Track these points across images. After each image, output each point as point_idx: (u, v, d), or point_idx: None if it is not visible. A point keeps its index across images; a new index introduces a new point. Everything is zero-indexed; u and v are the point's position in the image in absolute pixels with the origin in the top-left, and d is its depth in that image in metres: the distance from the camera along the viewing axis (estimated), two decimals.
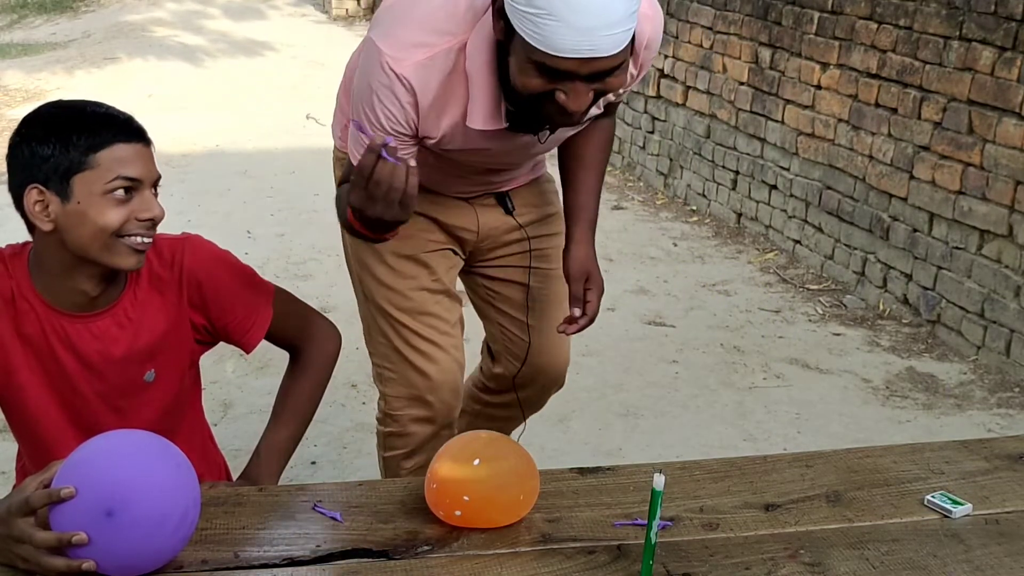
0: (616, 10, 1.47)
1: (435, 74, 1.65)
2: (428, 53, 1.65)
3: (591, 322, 2.01)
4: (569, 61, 1.49)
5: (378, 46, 1.68)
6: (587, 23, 1.45)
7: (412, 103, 1.67)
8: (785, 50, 5.01)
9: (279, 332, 1.82)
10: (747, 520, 1.51)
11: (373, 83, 1.70)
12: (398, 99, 1.67)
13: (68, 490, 1.26)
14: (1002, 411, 3.63)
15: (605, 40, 1.48)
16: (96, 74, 8.69)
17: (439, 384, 2.14)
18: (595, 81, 1.53)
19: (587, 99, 1.55)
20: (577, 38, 1.46)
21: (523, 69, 1.54)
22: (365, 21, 11.98)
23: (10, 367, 1.63)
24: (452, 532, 1.44)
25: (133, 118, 1.60)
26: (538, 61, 1.51)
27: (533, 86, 1.55)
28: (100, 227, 1.53)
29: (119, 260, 1.57)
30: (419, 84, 1.66)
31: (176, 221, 4.94)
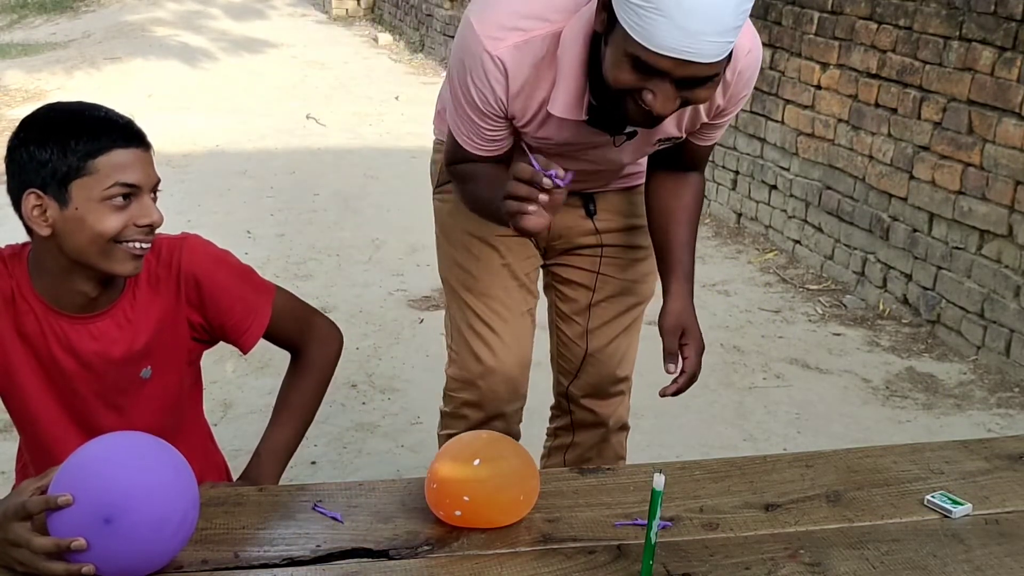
0: (725, 18, 1.45)
1: (528, 58, 1.65)
2: (524, 37, 1.65)
3: (692, 380, 1.90)
4: (666, 60, 1.46)
5: (474, 26, 1.67)
6: (694, 26, 1.43)
7: (503, 85, 1.67)
8: (785, 50, 5.01)
9: (280, 332, 1.81)
10: (747, 520, 1.51)
11: (468, 61, 1.70)
12: (489, 80, 1.68)
13: (65, 497, 1.26)
14: (1002, 411, 3.63)
15: (708, 46, 1.45)
16: (96, 74, 8.70)
17: (491, 370, 2.13)
18: (685, 88, 1.51)
19: (673, 104, 1.52)
20: (681, 38, 1.44)
21: (618, 62, 1.52)
22: (365, 21, 11.99)
23: (10, 366, 1.63)
24: (452, 532, 1.44)
25: (132, 122, 1.59)
26: (635, 55, 1.48)
27: (624, 80, 1.52)
28: (98, 233, 1.52)
29: (117, 266, 1.56)
30: (512, 67, 1.65)
31: (176, 221, 4.94)
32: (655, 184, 1.99)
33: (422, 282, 4.53)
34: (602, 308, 2.19)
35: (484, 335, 2.13)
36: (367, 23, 11.89)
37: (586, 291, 2.18)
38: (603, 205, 2.11)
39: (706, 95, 1.55)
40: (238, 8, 11.98)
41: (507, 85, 1.68)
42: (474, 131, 1.80)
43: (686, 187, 1.97)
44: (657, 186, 1.99)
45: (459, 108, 1.78)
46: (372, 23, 11.83)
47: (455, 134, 1.83)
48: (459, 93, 1.75)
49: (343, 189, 6.05)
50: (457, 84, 1.75)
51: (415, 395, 3.55)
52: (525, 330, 2.19)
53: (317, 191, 5.99)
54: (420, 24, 10.43)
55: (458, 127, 1.81)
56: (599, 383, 2.26)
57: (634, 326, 2.26)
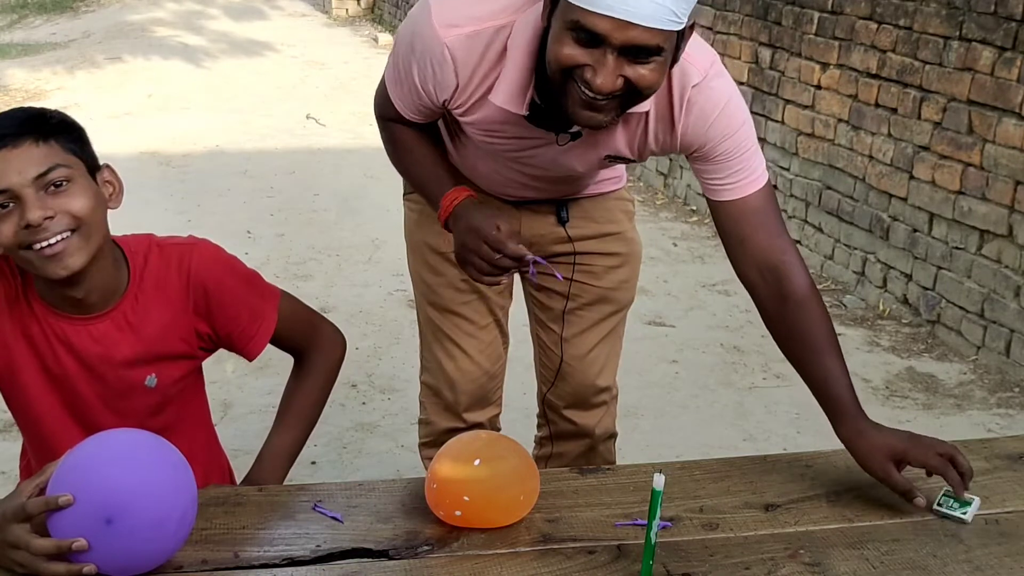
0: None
1: (478, 48, 1.63)
2: (476, 28, 1.63)
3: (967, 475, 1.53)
4: (604, 20, 1.40)
5: (431, 9, 1.66)
6: None
7: (451, 76, 1.66)
8: (785, 50, 5.01)
9: (284, 337, 1.80)
10: (747, 520, 1.51)
11: (416, 42, 1.69)
12: (435, 68, 1.66)
13: (66, 498, 1.25)
14: (1002, 411, 3.63)
15: (646, 5, 1.39)
16: (96, 74, 8.70)
17: (456, 382, 2.20)
18: (627, 60, 1.45)
19: (614, 81, 1.45)
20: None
21: (557, 37, 1.48)
22: (365, 21, 11.98)
23: (13, 367, 1.63)
24: (452, 532, 1.44)
25: (11, 113, 1.51)
26: (574, 20, 1.44)
27: (564, 56, 1.47)
28: (2, 246, 1.48)
29: (44, 271, 1.51)
30: (461, 57, 1.64)
31: (176, 221, 4.94)
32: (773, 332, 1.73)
33: None
34: (578, 316, 2.17)
35: (449, 349, 2.18)
36: (367, 23, 11.89)
37: (561, 298, 2.16)
38: (575, 212, 2.09)
39: (650, 77, 1.47)
40: (238, 8, 11.98)
41: (456, 77, 1.65)
42: (407, 103, 1.80)
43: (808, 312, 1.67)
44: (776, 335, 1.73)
45: (398, 76, 1.76)
46: (372, 23, 11.83)
47: (389, 91, 1.82)
48: (401, 67, 1.74)
49: (343, 189, 6.05)
50: (401, 59, 1.74)
51: (415, 395, 3.53)
52: (491, 341, 2.21)
53: (317, 191, 5.99)
54: None
55: (393, 87, 1.81)
56: (579, 392, 2.24)
57: (614, 334, 2.22)
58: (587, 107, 1.51)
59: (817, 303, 1.68)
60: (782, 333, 1.70)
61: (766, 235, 1.71)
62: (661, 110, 1.68)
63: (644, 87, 1.49)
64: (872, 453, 1.54)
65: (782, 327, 1.69)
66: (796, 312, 1.67)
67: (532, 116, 1.67)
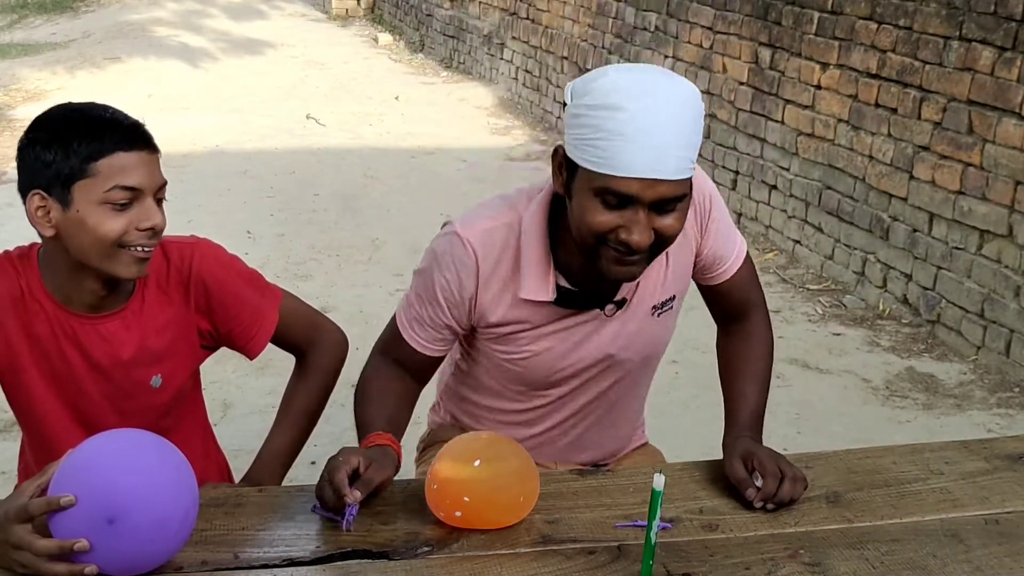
0: (684, 130, 1.46)
1: (497, 242, 1.65)
2: (490, 224, 1.67)
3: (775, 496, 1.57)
4: (636, 183, 1.44)
5: (453, 224, 1.69)
6: (655, 142, 1.43)
7: (473, 269, 1.65)
8: (785, 50, 5.01)
9: (286, 337, 1.81)
10: (747, 520, 1.51)
11: (438, 249, 1.68)
12: (456, 265, 1.65)
13: (68, 498, 1.26)
14: (1002, 411, 3.63)
15: (673, 161, 1.45)
16: (96, 74, 8.69)
17: None
18: (657, 213, 1.49)
19: (648, 235, 1.49)
20: (646, 158, 1.43)
21: (587, 206, 1.50)
22: (365, 21, 11.99)
23: (17, 366, 1.64)
24: (452, 533, 1.44)
25: (140, 124, 1.59)
26: (603, 188, 1.46)
27: (598, 224, 1.50)
28: (99, 236, 1.52)
29: (120, 269, 1.56)
30: (481, 250, 1.65)
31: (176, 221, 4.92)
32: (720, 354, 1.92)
33: None
34: None
35: None
36: (367, 23, 11.89)
37: None
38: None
39: (676, 225, 1.52)
40: (238, 8, 11.98)
41: (477, 272, 1.65)
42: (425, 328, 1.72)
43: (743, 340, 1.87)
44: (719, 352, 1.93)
45: (418, 297, 1.72)
46: (372, 23, 11.83)
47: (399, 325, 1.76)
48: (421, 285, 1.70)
49: (343, 189, 6.05)
50: (423, 276, 1.71)
51: None
52: None
53: (317, 191, 5.99)
54: (420, 24, 10.43)
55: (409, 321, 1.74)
56: None
57: None
58: (621, 264, 1.54)
59: (764, 343, 1.87)
60: (726, 355, 1.89)
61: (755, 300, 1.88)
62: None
63: (671, 235, 1.53)
64: (734, 450, 1.66)
65: (728, 350, 1.89)
66: (743, 343, 1.87)
67: (560, 300, 1.67)
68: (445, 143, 7.15)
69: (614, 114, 1.43)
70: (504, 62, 8.41)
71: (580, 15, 7.09)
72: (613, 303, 1.70)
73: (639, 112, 1.43)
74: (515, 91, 8.19)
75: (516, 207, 1.67)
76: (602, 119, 1.44)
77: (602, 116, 1.44)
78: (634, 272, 1.56)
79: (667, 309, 1.77)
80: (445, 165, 6.62)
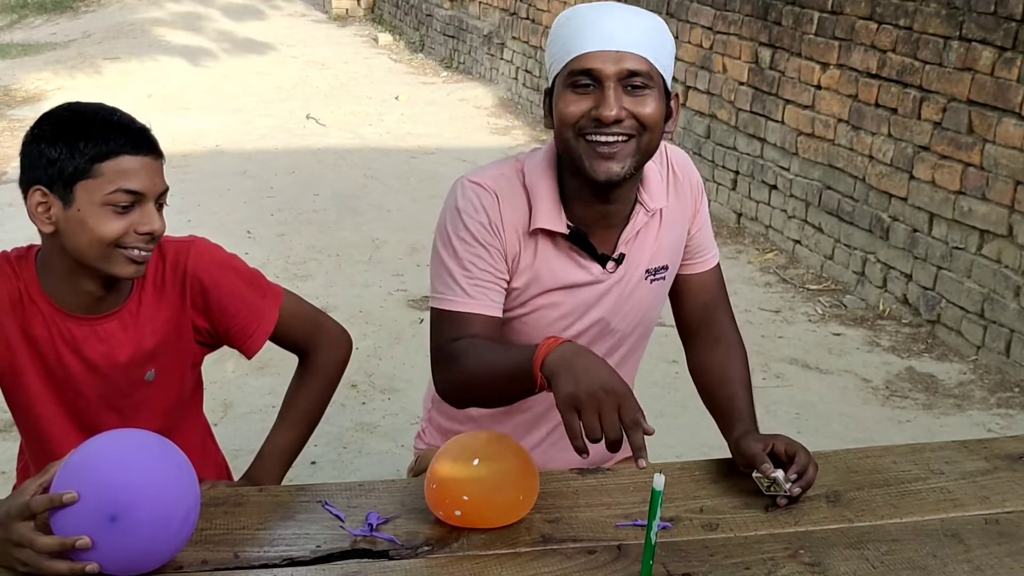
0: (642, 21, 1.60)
1: (509, 184, 1.71)
2: (498, 171, 1.73)
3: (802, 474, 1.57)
4: (595, 56, 1.56)
5: (461, 179, 1.74)
6: (610, 22, 1.57)
7: (496, 206, 1.69)
8: (785, 50, 5.01)
9: (287, 336, 1.81)
10: (747, 520, 1.51)
11: (459, 204, 1.70)
12: (483, 203, 1.68)
13: (71, 495, 1.25)
14: (1002, 411, 3.63)
15: (629, 35, 1.57)
16: (96, 74, 8.70)
17: None
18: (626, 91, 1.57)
19: (619, 107, 1.56)
20: (600, 32, 1.56)
21: (560, 100, 1.61)
22: (365, 21, 11.99)
23: (15, 367, 1.64)
24: (452, 532, 1.44)
25: (147, 129, 1.59)
26: (570, 73, 1.58)
27: (571, 113, 1.59)
28: (98, 236, 1.53)
29: (115, 269, 1.56)
30: (498, 188, 1.70)
31: (176, 221, 4.93)
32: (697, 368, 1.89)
33: (422, 282, 4.52)
34: None
35: None
36: (367, 23, 11.89)
37: None
38: None
39: (650, 110, 1.58)
40: (238, 8, 11.97)
41: (499, 207, 1.69)
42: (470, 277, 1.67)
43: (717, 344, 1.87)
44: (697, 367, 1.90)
45: (452, 259, 1.68)
46: (372, 23, 11.83)
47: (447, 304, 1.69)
48: (453, 239, 1.69)
49: (343, 189, 6.05)
50: (451, 232, 1.69)
51: (415, 395, 3.54)
52: None
53: (317, 191, 5.99)
54: (420, 24, 10.43)
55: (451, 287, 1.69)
56: None
57: None
58: (602, 157, 1.59)
59: (742, 352, 1.88)
60: (703, 364, 1.87)
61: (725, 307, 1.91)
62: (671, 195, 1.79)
63: (647, 120, 1.59)
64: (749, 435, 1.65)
65: (704, 358, 1.87)
66: (724, 355, 1.86)
67: (572, 237, 1.71)
68: (445, 143, 7.15)
69: (569, 21, 1.61)
70: (504, 62, 8.41)
71: None
72: (613, 259, 1.74)
73: (591, 11, 1.59)
74: (515, 91, 8.19)
75: (518, 159, 1.76)
76: (560, 29, 1.61)
77: (561, 28, 1.61)
78: (616, 170, 1.60)
79: (660, 277, 1.81)
80: (445, 165, 6.62)
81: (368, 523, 1.45)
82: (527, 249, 1.71)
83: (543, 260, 1.72)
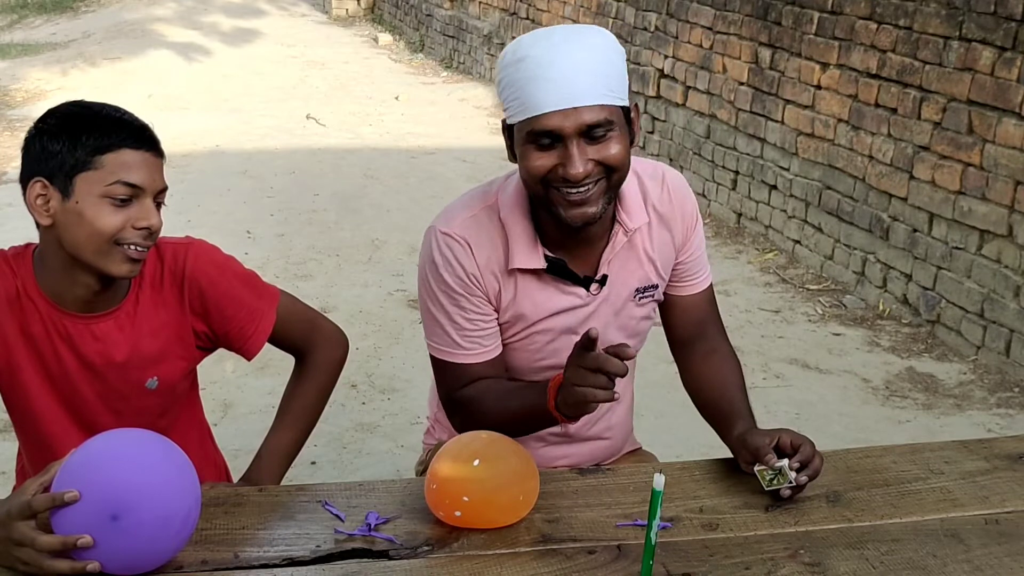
0: (591, 60, 1.53)
1: (482, 228, 1.70)
2: (471, 213, 1.72)
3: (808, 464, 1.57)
4: (553, 116, 1.52)
5: (433, 226, 1.73)
6: (560, 74, 1.51)
7: (469, 256, 1.68)
8: (785, 50, 5.01)
9: (284, 337, 1.81)
10: (747, 520, 1.51)
11: (434, 257, 1.70)
12: (456, 255, 1.68)
13: (72, 494, 1.25)
14: (1002, 411, 3.63)
15: (582, 88, 1.52)
16: (96, 74, 8.70)
17: None
18: (588, 141, 1.55)
19: (584, 164, 1.54)
20: (555, 90, 1.51)
21: (523, 155, 1.58)
22: (365, 21, 11.99)
23: (13, 365, 1.64)
24: (452, 532, 1.44)
25: (149, 127, 1.60)
26: (531, 131, 1.55)
27: (535, 168, 1.57)
28: (96, 230, 1.53)
29: (112, 267, 1.56)
30: (470, 237, 1.69)
31: (176, 221, 4.94)
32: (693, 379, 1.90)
33: None
34: None
35: None
36: (367, 23, 11.89)
37: None
38: None
39: (615, 152, 1.57)
40: (238, 8, 11.97)
41: (472, 255, 1.68)
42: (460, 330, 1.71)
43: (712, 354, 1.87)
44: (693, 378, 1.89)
45: (440, 312, 1.72)
46: (372, 23, 11.83)
47: (444, 355, 1.74)
48: (437, 293, 1.71)
49: (343, 189, 6.05)
50: (434, 286, 1.71)
51: (415, 395, 3.55)
52: None
53: (317, 191, 5.99)
54: (420, 24, 10.43)
55: (444, 339, 1.73)
56: None
57: None
58: (574, 205, 1.59)
59: (737, 362, 1.89)
60: (703, 376, 1.87)
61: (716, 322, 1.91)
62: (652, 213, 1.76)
63: (613, 162, 1.58)
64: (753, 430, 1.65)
65: (705, 373, 1.87)
66: (720, 364, 1.86)
67: (551, 269, 1.70)
68: (445, 143, 7.15)
69: (519, 64, 1.54)
70: None
71: (580, 15, 7.09)
72: (596, 281, 1.74)
73: (541, 54, 1.53)
74: None
75: (489, 194, 1.73)
76: (512, 74, 1.55)
77: (512, 71, 1.55)
78: (591, 213, 1.60)
79: (648, 296, 1.81)
80: (445, 165, 6.62)
81: (368, 523, 1.45)
82: (507, 287, 1.72)
83: (525, 294, 1.72)
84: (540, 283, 1.72)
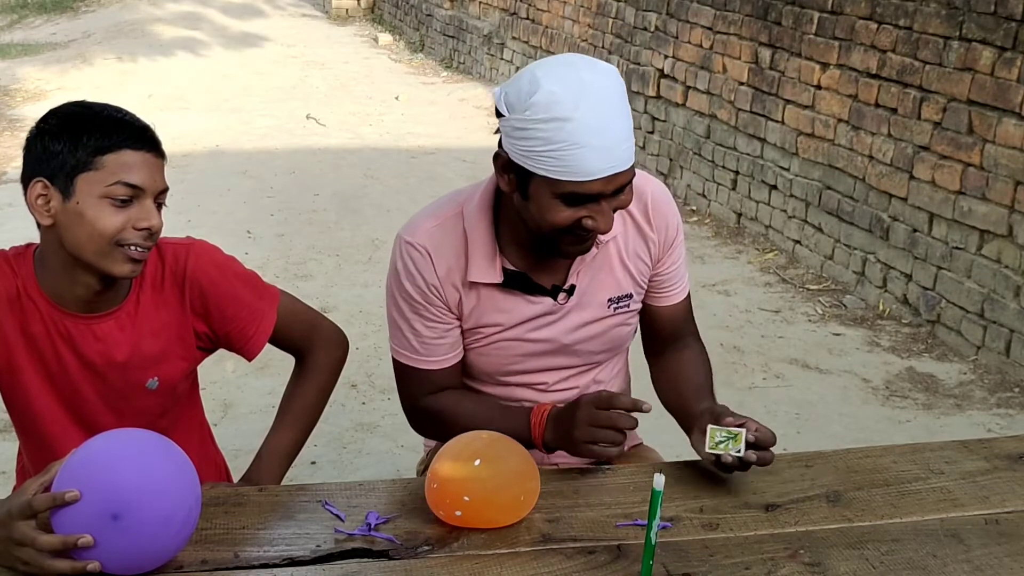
0: (623, 118, 1.56)
1: (445, 237, 1.71)
2: (436, 221, 1.73)
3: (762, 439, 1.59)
4: (597, 183, 1.54)
5: (399, 234, 1.75)
6: (608, 142, 1.52)
7: (430, 266, 1.71)
8: (785, 50, 5.01)
9: (285, 337, 1.81)
10: (747, 520, 1.51)
11: (398, 265, 1.74)
12: (416, 266, 1.71)
13: (73, 493, 1.25)
14: (1002, 411, 3.63)
15: (624, 153, 1.55)
16: (96, 74, 8.70)
17: None
18: (615, 197, 1.59)
19: (612, 217, 1.59)
20: (603, 159, 1.52)
21: (548, 206, 1.57)
22: (365, 21, 11.99)
23: (14, 365, 1.63)
24: (452, 532, 1.44)
25: (150, 128, 1.60)
26: (567, 193, 1.55)
27: (561, 219, 1.58)
28: (96, 230, 1.53)
29: (112, 267, 1.56)
30: (432, 246, 1.71)
31: (176, 221, 4.95)
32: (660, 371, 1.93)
33: None
34: None
35: None
36: (367, 23, 11.89)
37: None
38: None
39: (630, 198, 1.62)
40: (238, 8, 11.98)
41: (432, 265, 1.70)
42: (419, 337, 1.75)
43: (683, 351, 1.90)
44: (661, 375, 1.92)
45: (401, 319, 1.76)
46: (372, 23, 11.83)
47: (405, 359, 1.79)
48: (399, 300, 1.75)
49: (343, 189, 6.05)
50: (396, 294, 1.75)
51: None
52: None
53: (317, 191, 5.99)
54: (420, 24, 10.43)
55: (405, 344, 1.77)
56: None
57: None
58: (579, 242, 1.64)
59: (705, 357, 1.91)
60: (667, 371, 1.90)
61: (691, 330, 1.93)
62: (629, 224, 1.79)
63: (626, 207, 1.65)
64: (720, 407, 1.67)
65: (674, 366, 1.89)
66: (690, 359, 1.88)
67: (508, 283, 1.72)
68: (445, 143, 7.15)
69: (563, 125, 1.51)
70: (504, 62, 8.42)
71: (580, 15, 7.09)
72: (564, 291, 1.75)
73: (584, 118, 1.51)
74: None
75: (459, 201, 1.74)
76: (551, 131, 1.51)
77: (551, 128, 1.51)
78: (589, 246, 1.67)
79: (623, 305, 1.82)
80: (445, 165, 6.62)
81: (368, 523, 1.45)
82: (468, 297, 1.73)
83: (489, 303, 1.74)
84: (503, 294, 1.74)
